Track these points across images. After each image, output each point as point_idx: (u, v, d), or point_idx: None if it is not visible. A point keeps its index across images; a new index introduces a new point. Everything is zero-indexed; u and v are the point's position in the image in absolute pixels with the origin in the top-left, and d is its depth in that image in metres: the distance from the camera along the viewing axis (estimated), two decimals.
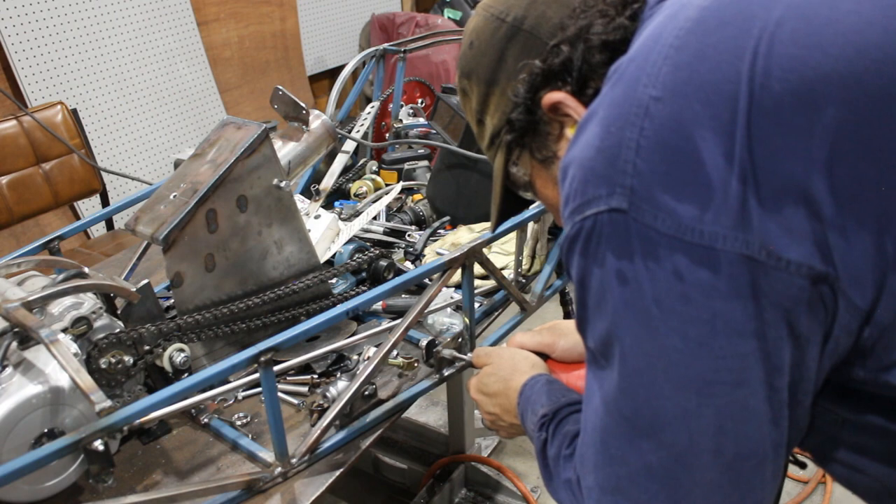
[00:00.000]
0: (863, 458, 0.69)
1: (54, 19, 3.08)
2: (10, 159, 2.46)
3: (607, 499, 0.69)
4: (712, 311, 0.59)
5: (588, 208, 0.63)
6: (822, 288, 0.58)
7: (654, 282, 0.60)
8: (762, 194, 0.57)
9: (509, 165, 0.87)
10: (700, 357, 0.60)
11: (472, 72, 0.86)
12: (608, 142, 0.62)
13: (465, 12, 4.79)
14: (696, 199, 0.58)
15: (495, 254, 1.63)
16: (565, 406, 0.90)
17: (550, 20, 0.78)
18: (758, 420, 0.62)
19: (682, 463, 0.64)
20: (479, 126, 0.89)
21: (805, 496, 2.23)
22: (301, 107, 1.48)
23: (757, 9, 0.61)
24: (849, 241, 0.57)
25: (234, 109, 3.96)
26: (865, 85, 0.57)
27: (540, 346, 1.12)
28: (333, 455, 1.15)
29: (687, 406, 0.62)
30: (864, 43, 0.58)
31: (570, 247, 0.66)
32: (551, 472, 0.84)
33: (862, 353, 0.61)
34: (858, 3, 0.59)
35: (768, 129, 0.57)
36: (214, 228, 1.29)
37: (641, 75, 0.63)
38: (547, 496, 2.25)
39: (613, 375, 0.66)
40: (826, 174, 0.56)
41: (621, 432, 0.66)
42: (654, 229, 0.59)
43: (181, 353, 1.22)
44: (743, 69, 0.58)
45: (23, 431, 0.99)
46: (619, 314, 0.63)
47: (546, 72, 0.77)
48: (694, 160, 0.58)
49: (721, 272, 0.58)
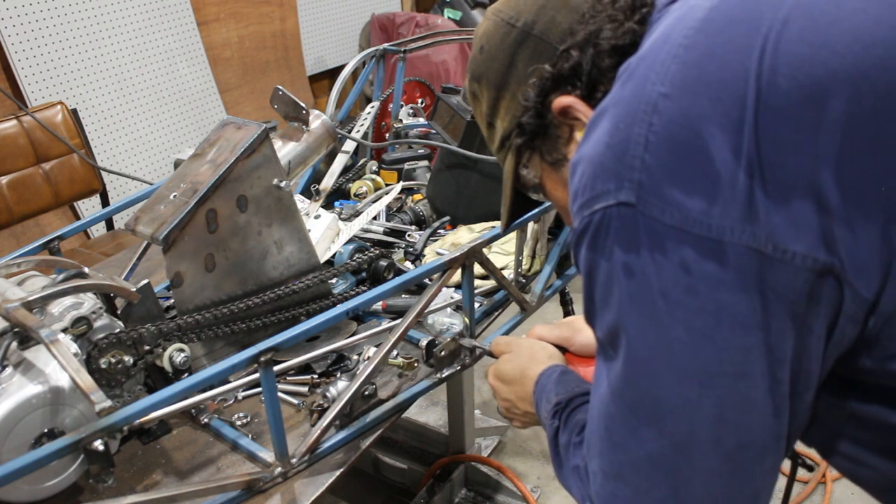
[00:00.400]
0: (867, 453, 0.69)
1: (54, 19, 3.08)
2: (10, 159, 2.46)
3: (610, 484, 0.70)
4: (718, 304, 0.60)
5: (597, 202, 0.64)
6: (828, 279, 0.59)
7: (660, 274, 0.61)
8: (769, 188, 0.58)
9: (520, 168, 0.89)
10: (704, 348, 0.61)
11: (483, 76, 0.87)
12: (617, 138, 0.63)
13: (465, 12, 4.79)
14: (704, 193, 0.59)
15: (495, 254, 1.63)
16: (579, 395, 0.91)
17: (560, 25, 0.80)
18: (759, 411, 0.63)
19: (683, 452, 0.65)
20: (490, 129, 0.91)
21: (805, 496, 2.23)
22: (301, 107, 1.48)
23: (764, 8, 0.62)
24: (854, 232, 0.57)
25: (234, 109, 3.96)
26: (872, 81, 0.57)
27: (559, 339, 1.14)
28: (333, 455, 1.15)
29: (689, 396, 0.63)
30: (870, 40, 0.58)
31: (578, 240, 0.67)
32: (562, 459, 0.85)
33: (867, 343, 0.62)
34: (865, 2, 0.60)
35: (775, 125, 0.58)
36: (214, 228, 1.29)
37: (650, 73, 0.64)
38: (547, 496, 2.25)
39: (619, 365, 0.67)
40: (833, 168, 0.57)
41: (625, 420, 0.68)
42: (662, 223, 0.60)
43: (181, 353, 1.22)
44: (751, 67, 0.59)
45: (23, 431, 0.99)
46: (626, 306, 0.64)
47: (556, 76, 0.78)
48: (702, 155, 0.59)
49: (728, 265, 0.59)
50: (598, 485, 0.72)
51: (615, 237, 0.63)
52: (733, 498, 0.66)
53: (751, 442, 0.64)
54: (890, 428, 0.66)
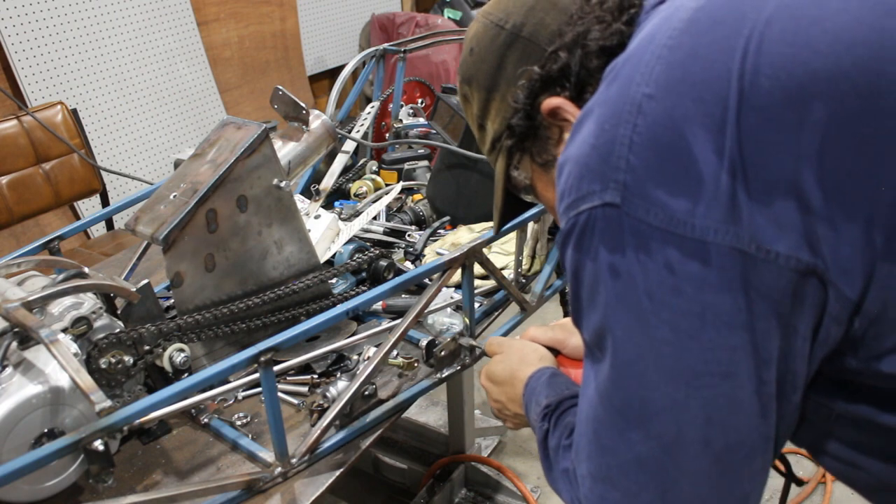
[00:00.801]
0: (856, 453, 0.69)
1: (54, 19, 3.08)
2: (11, 159, 2.46)
3: (599, 487, 0.70)
4: (703, 304, 0.60)
5: (582, 203, 0.64)
6: (811, 280, 0.59)
7: (645, 275, 0.61)
8: (751, 188, 0.58)
9: (510, 169, 0.89)
10: (690, 349, 0.61)
11: (473, 78, 0.87)
12: (602, 139, 0.64)
13: (465, 12, 4.79)
14: (688, 193, 0.59)
15: (495, 254, 1.63)
16: (568, 398, 0.91)
17: (549, 27, 0.80)
18: (746, 412, 0.63)
19: (670, 453, 0.65)
20: (481, 131, 0.91)
21: (805, 496, 2.23)
22: (301, 107, 1.48)
23: (748, 9, 0.62)
24: (837, 232, 0.58)
25: (234, 109, 3.97)
26: (853, 81, 0.58)
27: (552, 341, 1.14)
28: (333, 455, 1.15)
29: (675, 397, 0.63)
30: (851, 40, 0.58)
31: (564, 241, 0.68)
32: (551, 462, 0.85)
33: (853, 343, 0.62)
34: (846, 2, 0.60)
35: (757, 125, 0.58)
36: (214, 228, 1.29)
37: (635, 74, 0.64)
38: (547, 496, 2.25)
39: (606, 367, 0.67)
40: (815, 168, 0.57)
41: (612, 423, 0.68)
42: (647, 223, 0.60)
43: (181, 353, 1.22)
44: (733, 67, 0.59)
45: (23, 431, 0.99)
46: (612, 307, 0.65)
47: (545, 78, 0.79)
48: (686, 156, 0.59)
49: (712, 265, 0.59)
50: (587, 488, 0.72)
51: (600, 238, 0.63)
52: (723, 500, 0.66)
53: (739, 443, 0.64)
54: (878, 428, 0.66)
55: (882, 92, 0.57)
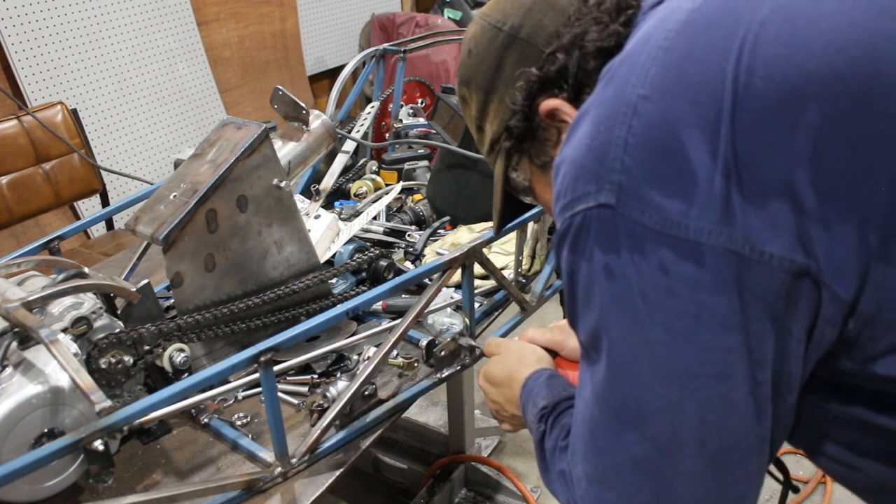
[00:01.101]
0: (853, 455, 0.69)
1: (54, 19, 3.08)
2: (11, 159, 2.46)
3: (594, 489, 0.70)
4: (697, 305, 0.60)
5: (577, 204, 0.64)
6: (805, 281, 0.59)
7: (640, 276, 0.61)
8: (745, 189, 0.58)
9: (509, 171, 0.89)
10: (684, 350, 0.62)
11: (471, 79, 0.87)
12: (598, 140, 0.64)
13: (465, 12, 4.79)
14: (682, 194, 0.59)
15: (495, 254, 1.63)
16: (565, 399, 0.91)
17: (546, 28, 0.80)
18: (741, 413, 0.63)
19: (665, 455, 0.65)
20: (479, 132, 0.91)
21: (805, 496, 2.23)
22: (301, 107, 1.48)
23: (743, 10, 0.62)
24: (831, 233, 0.58)
25: (234, 109, 3.97)
26: (846, 82, 0.58)
27: (550, 342, 1.14)
28: (333, 455, 1.15)
29: (670, 398, 0.63)
30: (845, 42, 0.58)
31: (559, 242, 0.68)
32: (548, 463, 0.85)
33: (848, 345, 0.62)
34: (840, 3, 0.60)
35: (751, 127, 0.58)
36: (214, 228, 1.29)
37: (631, 75, 0.64)
38: (547, 496, 2.25)
39: (601, 368, 0.67)
40: (809, 169, 0.57)
41: (608, 424, 0.68)
42: (641, 224, 0.60)
43: (181, 353, 1.22)
44: (728, 69, 0.60)
45: (23, 431, 0.99)
46: (607, 308, 0.65)
47: (542, 79, 0.79)
48: (680, 157, 0.60)
49: (706, 266, 0.59)
50: (583, 489, 0.72)
51: (595, 239, 0.63)
52: (718, 501, 0.66)
53: (734, 444, 0.64)
54: (873, 429, 0.66)
55: (875, 93, 0.57)
